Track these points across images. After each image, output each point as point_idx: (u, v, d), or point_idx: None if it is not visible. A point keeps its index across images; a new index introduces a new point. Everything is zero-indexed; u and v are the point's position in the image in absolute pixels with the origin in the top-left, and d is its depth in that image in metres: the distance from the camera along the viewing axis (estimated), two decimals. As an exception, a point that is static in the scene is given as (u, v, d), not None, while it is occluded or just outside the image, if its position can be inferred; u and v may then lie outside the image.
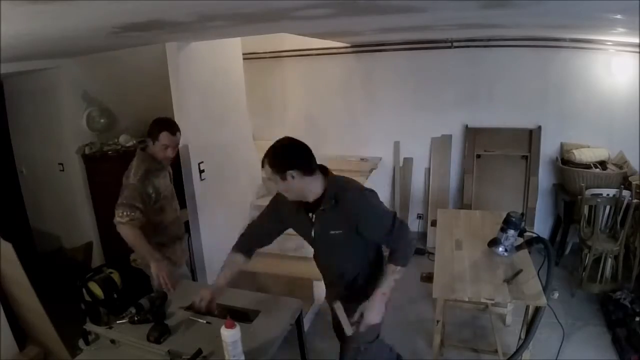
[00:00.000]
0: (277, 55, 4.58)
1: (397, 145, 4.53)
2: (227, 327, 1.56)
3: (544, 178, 4.13)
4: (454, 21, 2.63)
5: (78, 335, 1.85)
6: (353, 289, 1.93)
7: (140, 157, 2.43)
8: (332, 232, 1.79)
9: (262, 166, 1.71)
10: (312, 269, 3.42)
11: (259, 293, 2.65)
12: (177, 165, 3.14)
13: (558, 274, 3.38)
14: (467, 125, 4.25)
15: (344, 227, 1.77)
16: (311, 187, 1.74)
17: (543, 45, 3.82)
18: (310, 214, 1.82)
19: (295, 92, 4.76)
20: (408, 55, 4.22)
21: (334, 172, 1.83)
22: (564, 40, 3.71)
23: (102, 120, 3.84)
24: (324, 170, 1.81)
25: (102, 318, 2.46)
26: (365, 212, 1.76)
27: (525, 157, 4.08)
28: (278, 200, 1.90)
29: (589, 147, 3.81)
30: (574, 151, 3.72)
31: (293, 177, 1.66)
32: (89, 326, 1.86)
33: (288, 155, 1.69)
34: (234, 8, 1.56)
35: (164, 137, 2.39)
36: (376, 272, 1.93)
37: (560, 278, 3.46)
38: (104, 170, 3.71)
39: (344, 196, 1.74)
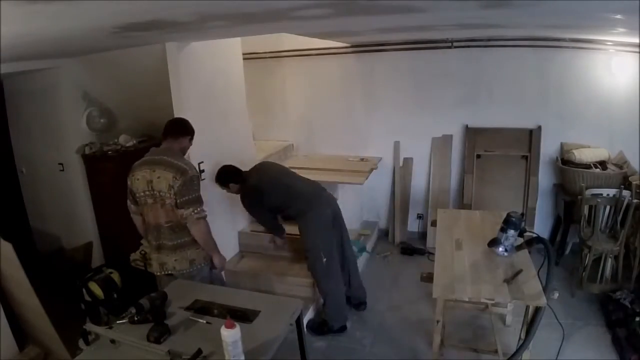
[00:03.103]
0: (277, 55, 4.58)
1: (397, 145, 4.53)
2: (227, 327, 1.56)
3: (544, 178, 4.12)
4: (454, 21, 2.63)
5: (78, 335, 1.85)
6: None
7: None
8: None
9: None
10: (312, 269, 3.45)
11: (259, 293, 2.66)
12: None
13: (558, 274, 3.39)
14: (467, 125, 4.25)
15: None
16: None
17: (543, 45, 3.81)
18: None
19: (295, 92, 4.76)
20: (408, 55, 4.22)
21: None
22: (564, 40, 3.70)
23: (102, 120, 3.84)
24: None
25: (102, 318, 2.46)
26: None
27: (525, 157, 4.08)
28: None
29: (589, 147, 3.80)
30: (574, 151, 3.72)
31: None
32: (89, 326, 1.86)
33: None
34: (234, 8, 1.56)
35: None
36: None
37: (560, 278, 3.46)
38: (104, 170, 3.72)
39: None
